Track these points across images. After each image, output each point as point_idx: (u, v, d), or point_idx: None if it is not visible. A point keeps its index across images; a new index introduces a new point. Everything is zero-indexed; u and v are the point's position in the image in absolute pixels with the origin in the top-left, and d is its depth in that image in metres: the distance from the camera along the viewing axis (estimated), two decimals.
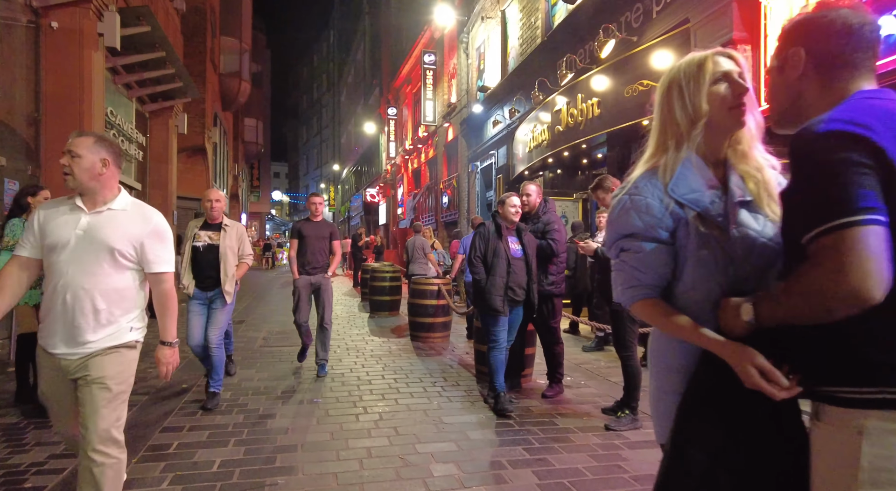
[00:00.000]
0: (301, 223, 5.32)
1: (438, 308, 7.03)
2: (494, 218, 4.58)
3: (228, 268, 4.26)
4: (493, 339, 4.24)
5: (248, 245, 4.65)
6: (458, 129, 15.14)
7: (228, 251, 4.28)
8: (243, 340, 6.93)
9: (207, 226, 4.34)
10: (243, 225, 5.15)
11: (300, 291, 5.26)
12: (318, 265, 5.22)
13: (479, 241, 4.28)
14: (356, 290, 14.46)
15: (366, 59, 32.23)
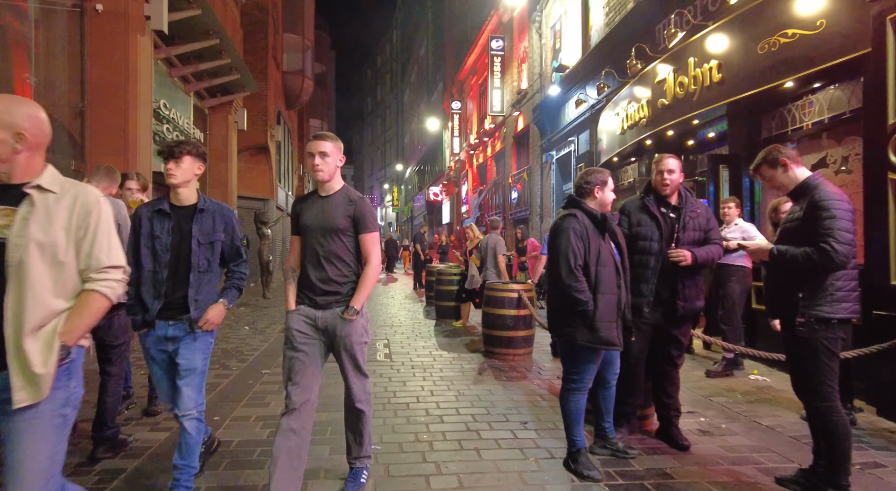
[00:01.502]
0: (301, 203, 2.77)
1: (519, 320, 5.87)
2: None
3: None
4: (577, 378, 3.00)
5: None
6: (529, 118, 13.87)
7: None
8: None
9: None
10: None
11: (294, 340, 2.63)
12: (332, 287, 2.60)
13: (576, 241, 2.89)
14: (418, 293, 13.55)
15: (429, 55, 31.55)
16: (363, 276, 2.65)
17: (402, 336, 7.30)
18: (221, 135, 11.77)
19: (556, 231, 3.04)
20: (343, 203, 2.65)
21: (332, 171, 2.66)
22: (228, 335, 7.21)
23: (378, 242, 2.74)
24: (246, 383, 4.78)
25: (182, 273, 2.59)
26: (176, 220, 2.62)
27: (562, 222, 3.02)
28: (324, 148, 2.63)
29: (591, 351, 2.95)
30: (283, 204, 19.25)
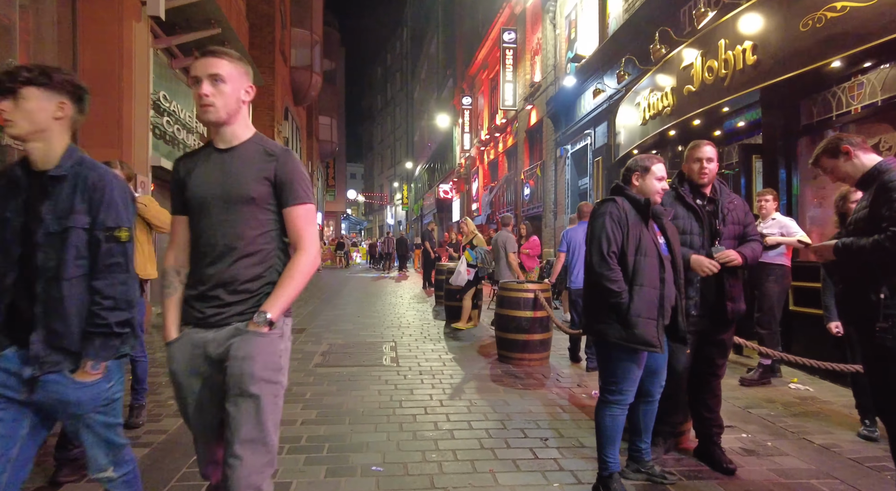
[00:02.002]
0: (188, 161, 1.81)
1: (535, 322, 5.45)
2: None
3: None
4: (616, 389, 2.61)
5: None
6: (542, 111, 13.41)
7: None
8: (298, 357, 5.71)
9: None
10: None
11: (182, 391, 1.77)
12: (237, 295, 1.69)
13: (613, 226, 2.57)
14: (427, 292, 13.17)
15: (439, 51, 31.15)
16: (288, 269, 1.70)
17: (409, 338, 6.91)
18: None
19: (593, 216, 2.71)
20: (256, 158, 1.70)
21: (233, 108, 1.69)
22: None
23: (315, 220, 1.80)
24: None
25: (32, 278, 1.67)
26: (27, 194, 1.69)
27: (599, 207, 2.72)
28: (217, 68, 1.67)
29: (628, 353, 2.55)
30: None
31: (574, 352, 5.63)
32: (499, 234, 7.11)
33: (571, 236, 5.51)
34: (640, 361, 2.59)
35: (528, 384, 4.76)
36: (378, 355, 5.83)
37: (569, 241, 5.53)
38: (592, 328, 2.66)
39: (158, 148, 8.54)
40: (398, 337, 7.00)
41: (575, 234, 5.49)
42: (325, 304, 10.68)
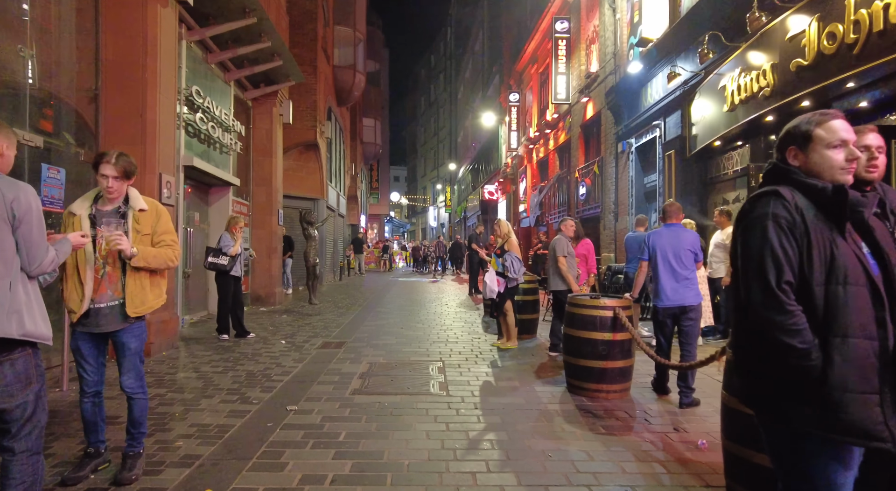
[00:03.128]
0: None
1: (615, 346, 4.49)
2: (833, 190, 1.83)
3: None
4: None
5: None
6: (600, 103, 12.32)
7: None
8: (334, 379, 4.97)
9: None
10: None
11: None
12: None
13: (782, 238, 1.59)
14: (474, 299, 12.30)
15: (484, 49, 30.28)
16: None
17: (459, 357, 6.06)
18: (265, 129, 10.98)
19: (744, 225, 1.71)
20: None
21: None
22: (260, 351, 6.23)
23: None
24: (262, 428, 3.68)
25: None
26: None
27: (753, 207, 1.69)
28: None
29: (828, 447, 1.58)
30: (334, 204, 18.54)
31: (661, 383, 4.63)
32: (556, 238, 6.18)
33: (656, 242, 4.52)
34: (849, 460, 1.61)
35: (610, 426, 3.82)
36: (424, 379, 5.01)
37: (652, 247, 4.54)
38: (759, 400, 1.70)
39: (192, 147, 8.06)
40: (446, 355, 6.17)
41: (660, 239, 4.51)
42: (367, 312, 9.99)
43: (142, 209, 2.99)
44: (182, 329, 7.63)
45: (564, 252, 6.14)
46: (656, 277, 4.45)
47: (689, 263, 4.37)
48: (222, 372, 5.21)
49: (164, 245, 3.01)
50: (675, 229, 4.51)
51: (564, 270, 6.12)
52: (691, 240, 4.42)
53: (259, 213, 10.87)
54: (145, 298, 2.96)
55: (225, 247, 6.67)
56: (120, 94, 5.57)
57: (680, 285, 4.33)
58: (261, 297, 10.73)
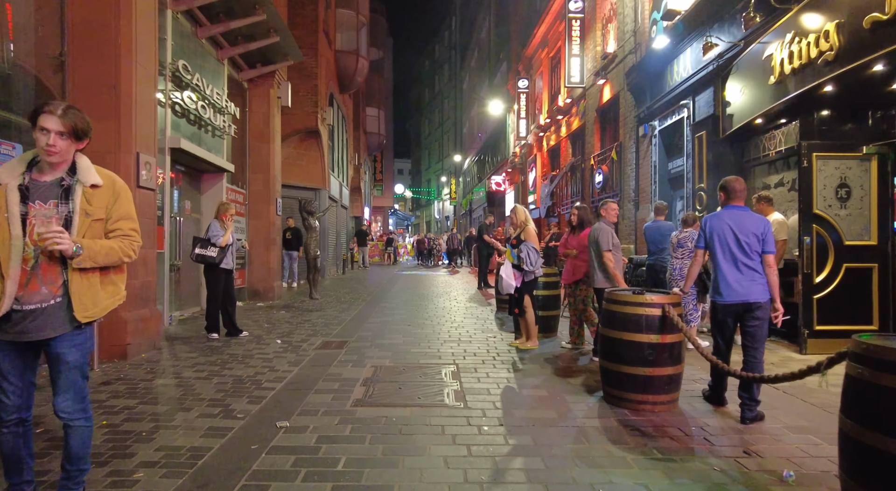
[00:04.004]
0: None
1: (663, 350, 3.81)
2: None
3: None
4: None
5: None
6: (619, 85, 11.57)
7: None
8: (333, 387, 4.32)
9: None
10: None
11: None
12: None
13: None
14: (484, 294, 11.64)
15: (491, 37, 29.44)
16: None
17: (474, 359, 5.40)
18: (262, 112, 10.30)
19: None
20: None
21: None
22: (252, 352, 5.58)
23: None
24: (245, 452, 3.03)
25: None
26: None
27: None
28: None
29: None
30: (337, 194, 17.87)
31: (717, 393, 3.95)
32: (597, 226, 5.46)
33: (714, 226, 3.81)
34: None
35: (666, 449, 3.15)
36: (438, 387, 4.35)
37: (710, 232, 3.83)
38: None
39: (180, 128, 7.40)
40: (459, 356, 5.51)
41: (720, 223, 3.79)
42: (371, 307, 9.34)
43: (94, 185, 2.29)
44: (170, 326, 7.00)
45: (609, 244, 5.32)
46: (716, 267, 3.76)
47: (755, 251, 3.66)
48: (206, 378, 4.57)
49: (119, 235, 2.32)
50: (739, 212, 3.78)
51: (612, 267, 5.26)
52: (759, 224, 3.71)
53: (256, 202, 10.22)
54: (97, 298, 2.28)
55: (213, 237, 6.02)
56: (90, 61, 4.90)
57: (744, 277, 3.64)
58: (258, 291, 10.09)
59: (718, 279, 3.73)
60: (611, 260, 5.35)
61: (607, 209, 5.48)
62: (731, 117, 7.34)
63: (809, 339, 5.50)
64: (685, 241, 6.19)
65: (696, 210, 8.08)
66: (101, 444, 3.06)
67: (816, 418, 3.68)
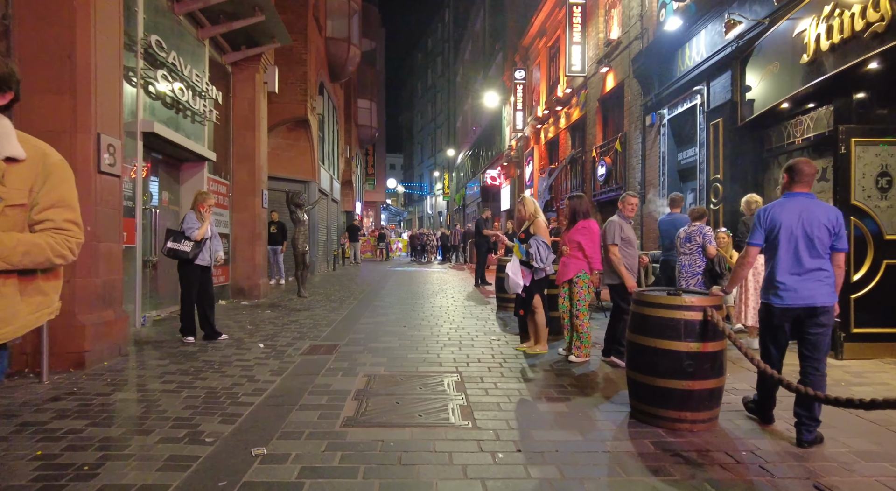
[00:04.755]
0: None
1: (705, 360, 3.29)
2: None
3: None
4: None
5: None
6: (624, 72, 11.04)
7: None
8: (321, 402, 3.76)
9: None
10: None
11: None
12: None
13: None
14: (483, 291, 11.10)
15: (485, 28, 28.82)
16: None
17: (479, 366, 4.86)
18: (247, 98, 9.66)
19: None
20: None
21: None
22: (231, 358, 4.99)
23: None
24: (211, 488, 2.46)
25: None
26: None
27: None
28: None
29: None
30: (327, 188, 17.23)
31: (764, 408, 3.43)
32: (614, 220, 4.94)
33: (777, 216, 3.18)
34: None
35: (718, 480, 2.63)
36: (440, 401, 3.80)
37: (771, 223, 3.21)
38: None
39: (154, 111, 6.76)
40: (462, 362, 4.96)
41: (784, 213, 3.18)
42: (364, 306, 8.76)
43: (11, 158, 1.70)
44: (143, 328, 6.39)
45: (615, 239, 4.90)
46: (774, 264, 3.21)
47: (824, 246, 3.12)
48: (175, 391, 3.98)
49: (49, 228, 1.74)
50: (806, 200, 3.20)
51: (615, 262, 4.88)
52: (831, 215, 3.13)
53: (240, 194, 9.60)
54: (12, 312, 1.70)
55: (188, 229, 5.41)
56: (39, 26, 4.27)
57: (807, 278, 3.10)
58: (243, 289, 9.48)
59: (776, 278, 3.19)
60: (615, 255, 4.89)
61: (624, 203, 4.98)
62: (751, 103, 6.83)
63: (846, 343, 5.00)
64: (693, 235, 5.70)
65: (712, 203, 7.58)
66: (28, 484, 2.48)
67: (885, 441, 3.17)
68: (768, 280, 3.24)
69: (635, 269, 4.99)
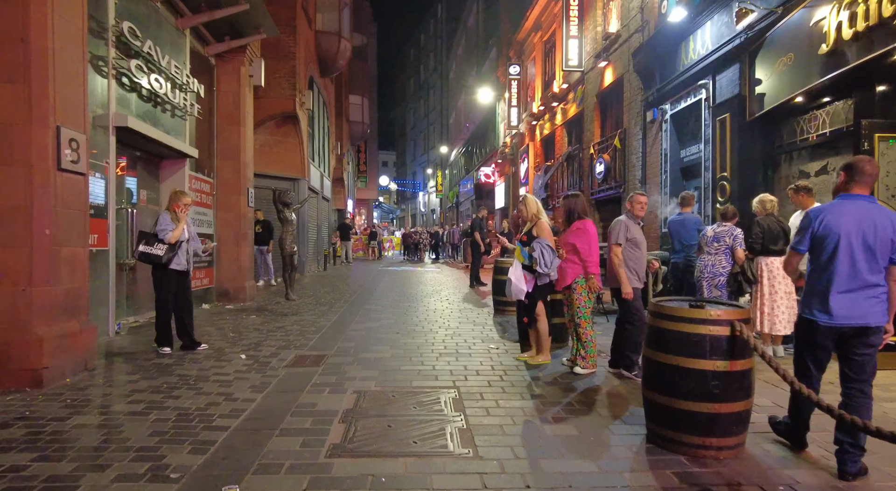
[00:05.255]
0: None
1: (733, 380, 2.94)
2: None
3: None
4: None
5: None
6: (622, 67, 10.70)
7: None
8: (304, 426, 3.38)
9: None
10: None
11: None
12: None
13: None
14: (479, 293, 10.75)
15: (479, 23, 28.41)
16: None
17: (478, 380, 4.49)
18: (232, 92, 9.22)
19: None
20: None
21: None
22: (208, 372, 4.60)
23: None
24: None
25: None
26: None
27: None
28: None
29: None
30: (318, 185, 16.79)
31: (798, 432, 3.08)
32: (621, 220, 4.61)
33: (834, 223, 2.77)
34: None
35: None
36: (437, 424, 3.43)
37: (825, 229, 2.80)
38: None
39: (129, 104, 6.33)
40: (460, 376, 4.59)
41: (840, 218, 2.78)
42: (354, 310, 8.38)
43: None
44: (117, 337, 5.97)
45: (619, 239, 4.58)
46: (825, 276, 2.82)
47: (885, 258, 2.73)
48: (142, 413, 3.58)
49: None
50: (867, 204, 2.80)
51: (615, 263, 4.55)
52: (894, 223, 2.73)
53: (225, 192, 9.16)
54: None
55: (161, 231, 5.00)
56: None
57: (862, 294, 2.72)
58: (228, 292, 9.06)
59: (821, 292, 2.81)
60: (617, 256, 4.55)
61: (633, 202, 4.64)
62: (761, 97, 6.51)
63: None
64: (723, 235, 5.38)
65: (718, 201, 7.26)
66: None
67: None
68: (815, 294, 2.86)
69: (642, 273, 4.64)
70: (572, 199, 4.94)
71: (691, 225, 6.05)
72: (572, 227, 4.83)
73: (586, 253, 4.68)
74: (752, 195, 6.73)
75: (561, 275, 4.83)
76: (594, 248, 4.72)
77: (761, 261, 5.31)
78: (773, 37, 6.16)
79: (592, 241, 4.73)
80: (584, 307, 4.72)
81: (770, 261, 5.28)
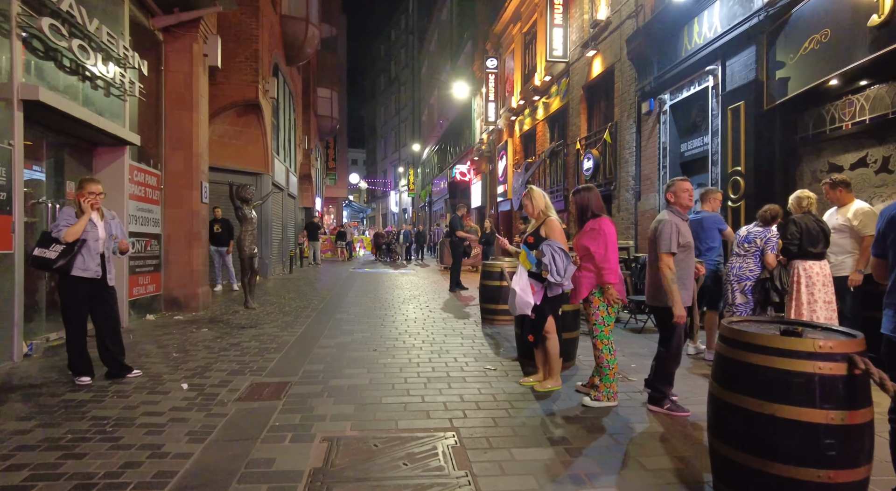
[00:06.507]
0: None
1: (853, 438, 2.14)
2: None
3: None
4: None
5: None
6: (613, 56, 10.01)
7: None
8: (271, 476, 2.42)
9: None
10: None
11: None
12: None
13: None
14: (460, 298, 9.87)
15: (453, 16, 27.56)
16: None
17: (479, 416, 3.60)
18: (183, 71, 8.07)
19: None
20: None
21: None
22: (136, 412, 3.56)
23: None
24: None
25: None
26: None
27: None
28: None
29: None
30: (283, 181, 15.61)
31: None
32: (657, 218, 3.75)
33: None
34: None
35: None
36: None
37: None
38: None
39: (44, 73, 5.20)
40: (456, 411, 3.69)
41: None
42: (323, 320, 7.37)
43: None
44: (26, 361, 4.83)
45: (671, 246, 3.60)
46: None
47: None
48: (21, 488, 2.55)
49: None
50: None
51: (668, 279, 3.57)
52: None
53: (175, 186, 8.02)
54: None
55: (56, 228, 3.92)
56: None
57: None
58: (178, 300, 7.92)
59: None
60: (671, 269, 3.63)
61: (676, 192, 3.78)
62: (783, 82, 5.84)
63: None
64: (755, 237, 4.67)
65: (730, 199, 6.58)
66: None
67: None
68: (891, 305, 2.13)
69: (691, 284, 3.81)
70: (584, 193, 4.06)
71: (710, 224, 5.30)
72: (585, 227, 3.99)
73: (601, 258, 3.82)
74: (769, 191, 6.07)
75: (577, 285, 3.98)
76: (612, 252, 3.87)
77: (798, 265, 4.61)
78: (801, 13, 5.49)
79: (610, 243, 3.87)
80: (601, 325, 3.88)
81: (808, 265, 4.58)
